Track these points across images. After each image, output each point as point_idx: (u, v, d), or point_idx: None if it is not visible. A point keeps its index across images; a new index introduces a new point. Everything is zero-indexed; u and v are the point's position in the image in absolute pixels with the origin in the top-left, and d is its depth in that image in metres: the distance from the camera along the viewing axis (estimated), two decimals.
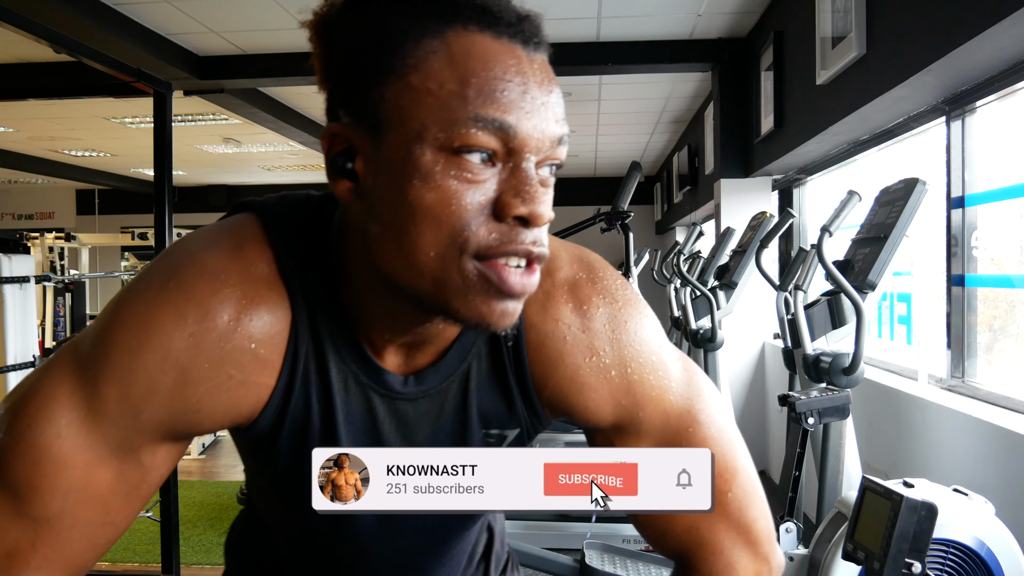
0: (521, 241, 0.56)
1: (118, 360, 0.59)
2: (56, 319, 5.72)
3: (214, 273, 0.60)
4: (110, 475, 0.61)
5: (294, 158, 8.97)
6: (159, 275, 0.61)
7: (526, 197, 0.56)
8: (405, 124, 0.56)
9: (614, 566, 2.76)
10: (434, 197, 0.55)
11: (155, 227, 2.85)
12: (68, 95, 5.17)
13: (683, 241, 4.21)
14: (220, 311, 0.59)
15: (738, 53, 4.43)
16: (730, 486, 0.74)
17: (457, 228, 0.55)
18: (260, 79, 5.00)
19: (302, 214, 0.66)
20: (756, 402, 4.45)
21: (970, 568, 1.44)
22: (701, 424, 0.72)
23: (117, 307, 0.61)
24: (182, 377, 0.59)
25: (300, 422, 0.65)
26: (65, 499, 0.59)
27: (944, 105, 2.58)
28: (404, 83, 0.56)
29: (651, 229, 9.98)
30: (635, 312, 0.71)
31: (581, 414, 0.71)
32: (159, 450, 0.63)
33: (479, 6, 0.56)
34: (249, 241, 0.63)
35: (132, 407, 0.59)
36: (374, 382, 0.66)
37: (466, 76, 0.55)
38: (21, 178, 9.99)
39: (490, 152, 0.55)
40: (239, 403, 0.62)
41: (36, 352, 2.72)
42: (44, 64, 4.89)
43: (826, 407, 1.78)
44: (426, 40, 0.55)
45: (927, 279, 2.88)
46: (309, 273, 0.63)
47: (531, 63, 0.57)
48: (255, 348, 0.61)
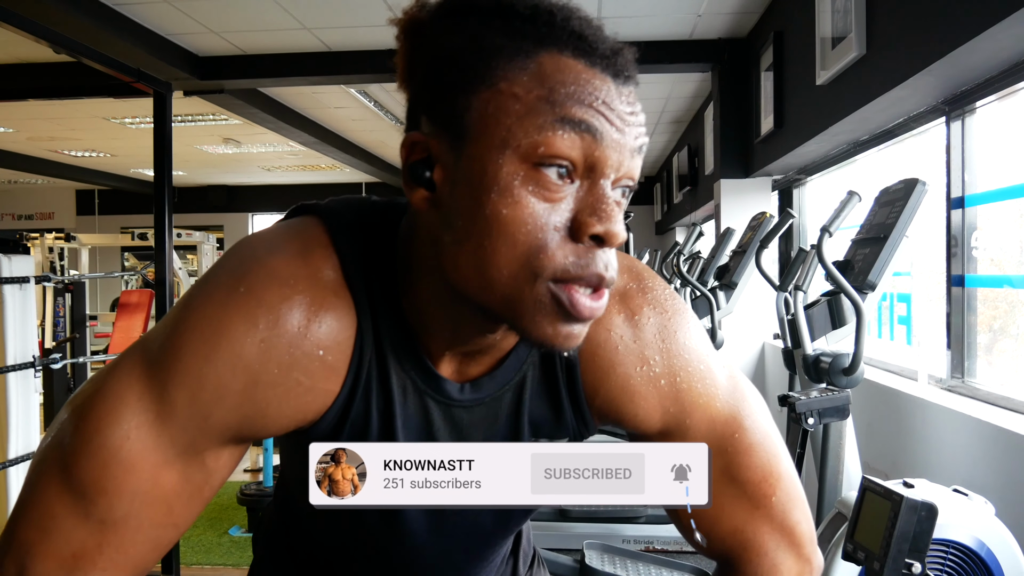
0: (596, 267, 0.56)
1: (188, 364, 0.59)
2: (56, 319, 5.72)
3: (283, 279, 0.60)
4: (175, 477, 0.61)
5: (294, 158, 8.97)
6: (228, 278, 0.61)
7: (603, 216, 0.56)
8: (490, 132, 0.56)
9: (614, 566, 2.76)
10: (511, 213, 0.55)
11: (155, 227, 2.85)
12: (68, 95, 5.18)
13: (683, 241, 4.21)
14: (290, 317, 0.60)
15: (738, 53, 4.43)
16: (775, 490, 0.75)
17: (533, 249, 0.55)
18: (260, 79, 5.00)
19: (367, 220, 0.66)
20: None
21: (970, 568, 1.44)
22: (746, 430, 0.74)
23: (186, 310, 0.61)
24: (252, 382, 0.59)
25: (360, 427, 0.65)
26: (132, 501, 0.60)
27: (944, 105, 2.58)
28: (493, 91, 0.56)
29: (651, 229, 9.99)
30: (683, 321, 0.73)
31: (631, 422, 0.72)
32: (223, 453, 0.63)
33: (576, 33, 0.57)
34: (316, 246, 0.63)
35: (201, 411, 0.60)
36: (432, 389, 0.67)
37: (555, 86, 0.55)
38: (21, 178, 9.99)
39: (569, 166, 0.55)
40: (305, 408, 0.63)
41: (36, 352, 2.72)
42: (44, 64, 4.90)
43: (826, 407, 1.78)
44: (519, 59, 0.56)
45: (927, 279, 2.88)
46: (373, 279, 0.64)
47: (619, 92, 0.58)
48: (323, 355, 0.61)
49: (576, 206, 0.56)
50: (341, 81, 5.16)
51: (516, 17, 0.57)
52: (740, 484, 0.75)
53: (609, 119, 0.56)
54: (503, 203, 0.55)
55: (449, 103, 0.57)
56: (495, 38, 0.57)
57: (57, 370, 4.16)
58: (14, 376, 2.61)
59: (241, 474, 4.66)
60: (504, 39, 0.57)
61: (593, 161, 0.56)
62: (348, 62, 4.67)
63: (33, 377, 2.70)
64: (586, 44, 0.57)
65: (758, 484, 0.75)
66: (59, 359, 2.98)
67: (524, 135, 0.55)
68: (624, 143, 0.57)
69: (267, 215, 11.48)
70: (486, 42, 0.57)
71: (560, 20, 0.57)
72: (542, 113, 0.55)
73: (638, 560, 2.83)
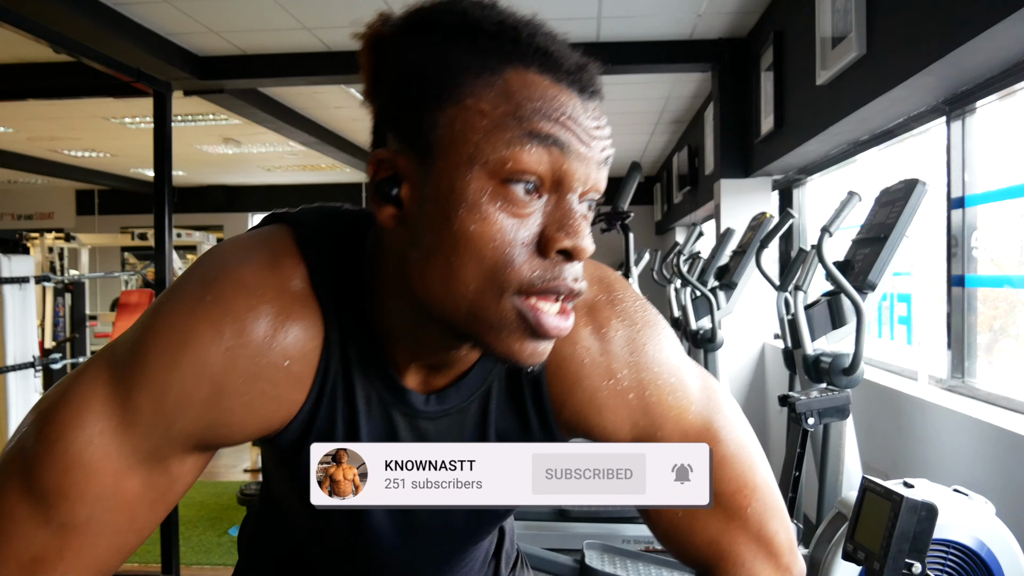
0: (564, 278, 0.57)
1: (154, 371, 0.59)
2: (56, 319, 5.72)
3: (251, 288, 0.60)
4: (138, 483, 0.61)
5: (294, 158, 8.97)
6: (196, 286, 0.61)
7: (570, 231, 0.56)
8: (457, 148, 0.56)
9: (614, 566, 2.76)
10: (478, 229, 0.55)
11: (155, 227, 2.85)
12: (68, 95, 5.17)
13: (683, 241, 4.21)
14: (256, 327, 0.60)
15: (738, 53, 4.43)
16: (750, 501, 0.75)
17: (500, 264, 0.55)
18: (260, 79, 5.00)
19: (336, 229, 0.66)
20: (756, 402, 4.45)
21: (970, 568, 1.44)
22: (720, 442, 0.73)
23: (154, 317, 0.61)
24: (216, 391, 0.60)
25: (325, 436, 0.65)
26: (93, 506, 0.60)
27: (944, 105, 2.58)
28: (459, 107, 0.56)
29: (651, 229, 9.98)
30: (653, 334, 0.72)
31: (600, 434, 0.72)
32: (187, 459, 0.63)
33: (541, 49, 0.57)
34: (284, 255, 0.63)
35: (165, 417, 0.60)
36: (397, 400, 0.67)
37: (522, 102, 0.56)
38: (21, 178, 9.99)
39: (536, 182, 0.56)
40: (270, 417, 0.63)
41: (36, 352, 2.72)
42: (44, 64, 4.89)
43: (826, 407, 1.78)
44: (485, 75, 0.56)
45: (927, 279, 2.88)
46: (340, 290, 0.64)
47: (585, 106, 0.58)
48: (288, 365, 0.61)
49: (544, 220, 0.57)
50: (341, 81, 5.16)
51: (482, 34, 0.57)
52: (715, 496, 0.73)
53: (576, 133, 0.57)
54: (471, 219, 0.55)
55: (416, 120, 0.57)
56: (461, 55, 0.57)
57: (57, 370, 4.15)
58: (14, 376, 2.61)
59: (241, 474, 4.66)
60: (470, 56, 0.57)
61: (560, 175, 0.57)
62: (348, 62, 4.63)
63: (33, 377, 2.71)
64: (551, 60, 0.57)
65: (732, 495, 0.74)
66: (59, 359, 2.98)
67: (491, 151, 0.55)
68: (590, 156, 0.58)
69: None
70: (452, 59, 0.57)
71: (525, 36, 0.57)
72: (509, 128, 0.55)
73: (638, 560, 2.83)
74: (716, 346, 3.44)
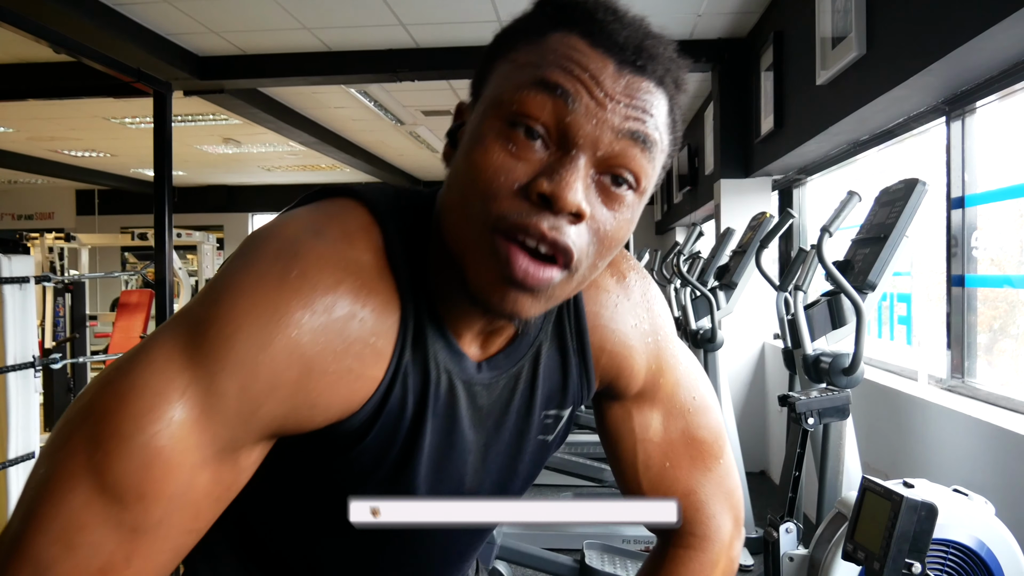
0: (538, 221, 0.56)
1: (243, 353, 0.54)
2: (56, 319, 5.72)
3: (335, 263, 0.58)
4: (208, 478, 0.56)
5: (294, 158, 8.97)
6: (275, 263, 0.57)
7: (555, 177, 0.56)
8: (489, 93, 0.60)
9: (614, 566, 2.76)
10: (477, 159, 0.57)
11: (155, 227, 2.86)
12: (68, 95, 5.18)
13: (683, 241, 4.20)
14: (344, 302, 0.57)
15: (738, 53, 4.43)
16: (723, 451, 0.82)
17: (487, 195, 0.57)
18: (260, 79, 5.00)
19: (403, 204, 0.66)
20: (756, 402, 4.45)
21: (970, 568, 1.44)
22: (702, 392, 0.82)
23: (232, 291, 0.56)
24: (306, 370, 0.56)
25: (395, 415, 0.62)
26: (168, 506, 0.54)
27: (944, 105, 2.58)
28: (506, 60, 0.61)
29: (651, 229, 9.98)
30: (656, 291, 0.80)
31: (625, 379, 0.77)
32: (255, 450, 0.59)
33: (591, 19, 0.59)
34: (358, 229, 0.62)
35: (251, 403, 0.55)
36: (459, 369, 0.66)
37: (547, 54, 0.58)
38: (21, 178, 9.99)
39: (540, 130, 0.57)
40: (352, 397, 0.60)
41: (36, 352, 2.72)
42: (44, 64, 4.89)
43: (826, 407, 1.77)
44: (533, 35, 0.60)
45: (927, 279, 2.88)
46: (412, 263, 0.63)
47: (618, 75, 0.58)
48: (374, 341, 0.60)
49: (540, 168, 0.57)
50: (341, 81, 5.15)
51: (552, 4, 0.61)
52: (697, 444, 0.80)
53: (590, 89, 0.57)
54: (476, 151, 0.58)
55: (480, 73, 0.63)
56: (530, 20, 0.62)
57: (57, 370, 4.16)
58: (14, 376, 2.61)
59: None
60: (536, 21, 0.61)
61: (564, 128, 0.57)
62: (348, 62, 4.67)
63: (33, 377, 2.70)
64: (599, 29, 0.58)
65: (711, 444, 0.81)
66: (59, 359, 2.98)
67: (505, 92, 0.58)
68: (605, 118, 0.57)
69: (267, 215, 11.46)
70: (519, 25, 0.62)
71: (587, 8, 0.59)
72: (525, 73, 0.58)
73: (638, 560, 2.83)
74: (716, 346, 3.44)
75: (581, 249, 0.58)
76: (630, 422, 0.79)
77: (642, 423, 0.79)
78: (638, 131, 0.58)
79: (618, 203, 0.59)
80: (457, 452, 0.68)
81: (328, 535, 0.74)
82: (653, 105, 0.59)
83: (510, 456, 0.72)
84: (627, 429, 0.79)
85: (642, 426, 0.79)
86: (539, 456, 0.75)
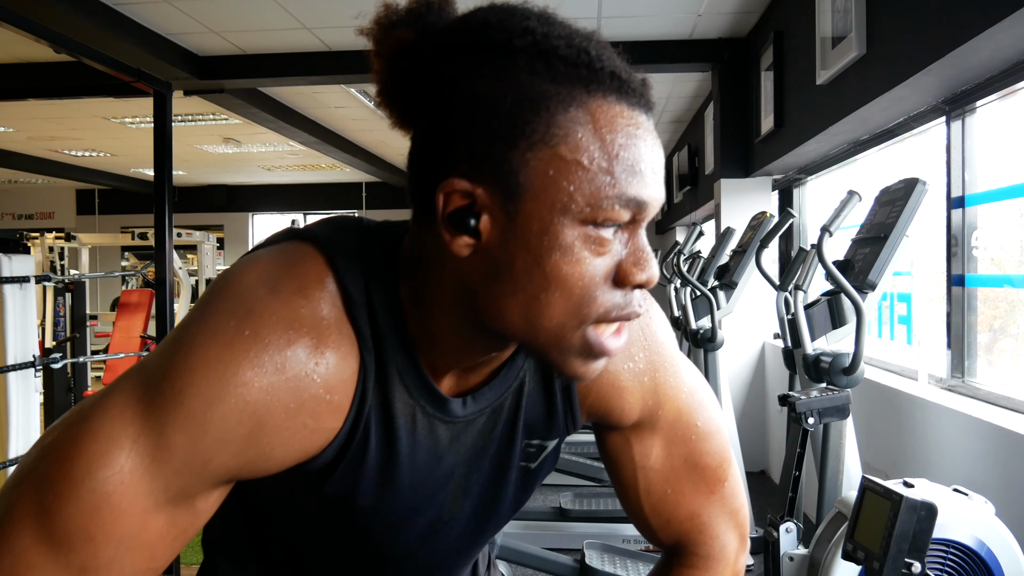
0: (633, 307, 0.59)
1: (192, 409, 0.56)
2: (56, 319, 5.72)
3: (288, 321, 0.58)
4: (162, 522, 0.58)
5: (294, 158, 8.97)
6: (229, 318, 0.58)
7: (645, 266, 0.58)
8: (550, 194, 0.55)
9: (614, 566, 2.76)
10: (571, 271, 0.56)
11: (155, 227, 2.85)
12: (68, 95, 5.18)
13: (683, 241, 4.20)
14: (296, 361, 0.58)
15: (738, 53, 4.43)
16: (727, 476, 0.81)
17: (586, 299, 0.57)
18: (260, 79, 5.00)
19: (365, 246, 0.65)
20: (756, 402, 4.45)
21: (970, 568, 1.44)
22: (706, 418, 0.79)
23: (189, 349, 0.57)
24: (258, 427, 0.57)
25: (357, 458, 0.64)
26: (117, 548, 0.56)
27: (944, 105, 2.58)
28: (552, 153, 0.55)
29: (651, 229, 9.97)
30: (658, 317, 0.77)
31: (616, 417, 0.75)
32: (213, 494, 0.61)
33: (615, 74, 0.57)
34: (315, 281, 0.61)
35: (200, 456, 0.57)
36: (440, 411, 0.66)
37: (613, 152, 0.56)
38: (21, 178, 10.00)
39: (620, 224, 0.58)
40: (308, 448, 0.61)
41: (36, 352, 2.72)
42: (44, 64, 4.89)
43: (826, 407, 1.77)
44: (572, 110, 0.55)
45: (927, 279, 2.88)
46: (377, 311, 0.63)
47: (651, 131, 0.59)
48: (329, 397, 0.60)
49: (620, 254, 0.58)
50: (341, 81, 5.16)
51: (559, 60, 0.56)
52: (700, 469, 0.79)
53: (650, 180, 0.58)
54: (564, 262, 0.56)
55: (500, 156, 0.55)
56: (542, 84, 0.55)
57: (57, 370, 4.15)
58: (14, 376, 2.61)
59: None
60: (552, 85, 0.55)
61: (639, 215, 0.58)
62: (348, 62, 4.67)
63: (33, 377, 2.71)
64: (625, 84, 0.57)
65: (715, 469, 0.80)
66: (59, 359, 2.98)
67: (587, 204, 0.55)
68: (659, 194, 0.59)
69: (267, 215, 11.46)
70: (536, 91, 0.55)
71: (596, 57, 0.56)
72: (605, 187, 0.55)
73: (638, 560, 2.83)
74: (716, 346, 3.44)
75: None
76: (629, 450, 0.78)
77: (642, 451, 0.78)
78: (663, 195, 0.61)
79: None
80: (436, 481, 0.69)
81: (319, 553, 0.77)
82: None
83: (492, 483, 0.73)
84: (627, 457, 0.79)
85: (642, 454, 0.78)
86: (524, 483, 0.76)
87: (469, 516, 0.74)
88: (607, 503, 3.43)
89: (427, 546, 0.75)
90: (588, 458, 3.35)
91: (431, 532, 0.73)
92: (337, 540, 0.74)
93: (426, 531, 0.73)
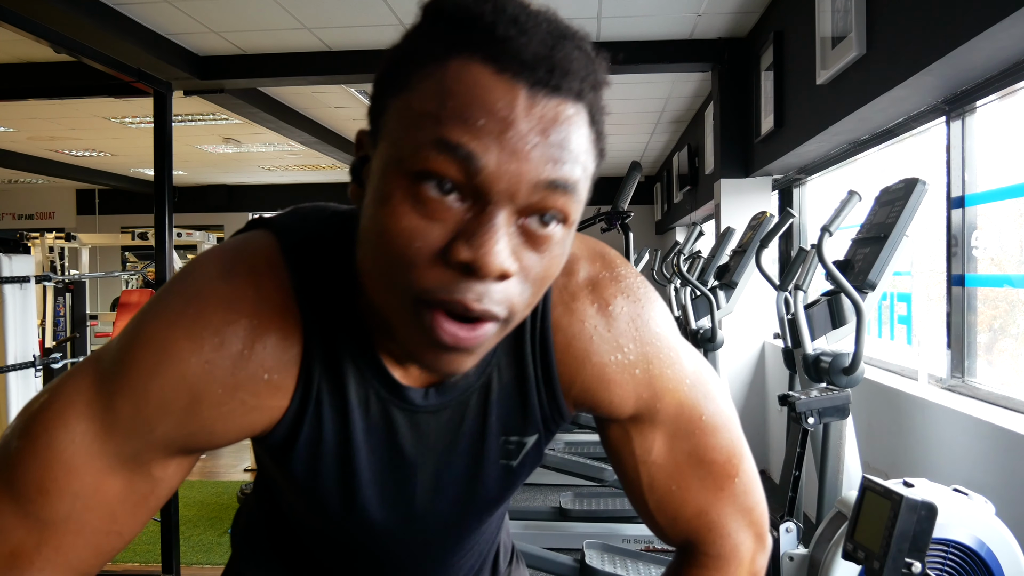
0: (464, 296, 0.52)
1: (134, 378, 0.61)
2: (56, 319, 5.72)
3: (230, 302, 0.61)
4: (119, 485, 0.63)
5: (294, 158, 8.97)
6: (178, 299, 0.62)
7: (475, 243, 0.51)
8: (387, 139, 0.55)
9: (614, 566, 2.76)
10: (388, 225, 0.53)
11: (155, 227, 2.85)
12: (68, 95, 5.17)
13: (683, 241, 4.21)
14: (234, 340, 0.61)
15: (738, 53, 4.43)
16: (737, 471, 0.78)
17: (403, 263, 0.53)
18: (260, 79, 5.00)
19: (323, 231, 0.66)
20: (756, 402, 4.45)
21: (970, 568, 1.44)
22: (713, 412, 0.76)
23: (138, 327, 0.62)
24: (195, 400, 0.61)
25: (314, 442, 0.66)
26: (73, 503, 0.61)
27: (944, 105, 2.58)
28: (402, 101, 0.54)
29: (651, 229, 9.99)
30: (654, 308, 0.73)
31: (606, 408, 0.73)
32: (170, 464, 0.65)
33: (493, 38, 0.52)
34: (265, 267, 0.63)
35: (145, 423, 0.61)
36: (395, 397, 0.67)
37: (445, 100, 0.51)
38: (21, 178, 10.00)
39: (451, 184, 0.52)
40: (252, 424, 0.64)
41: (36, 352, 2.72)
42: (44, 64, 4.90)
43: (826, 407, 1.78)
44: (430, 65, 0.53)
45: (927, 279, 2.88)
46: (328, 295, 0.64)
47: (531, 104, 0.52)
48: (267, 376, 0.62)
49: (456, 227, 0.52)
50: (341, 81, 5.16)
51: (444, 19, 0.54)
52: (707, 465, 0.76)
53: (498, 139, 0.51)
54: (383, 213, 0.53)
55: (377, 102, 0.57)
56: (422, 42, 0.55)
57: (57, 370, 4.16)
58: (14, 375, 2.61)
59: (241, 474, 4.66)
60: (425, 42, 0.54)
61: (475, 185, 0.52)
62: (348, 62, 4.67)
63: (33, 377, 2.71)
64: (502, 48, 0.52)
65: (723, 464, 0.77)
66: (59, 359, 2.99)
67: (404, 150, 0.52)
68: (519, 170, 0.51)
69: (267, 215, 11.42)
70: (414, 45, 0.55)
71: (485, 23, 0.52)
72: (424, 129, 0.52)
73: (638, 560, 2.83)
74: (716, 346, 3.44)
75: (513, 302, 0.55)
76: (630, 444, 0.76)
77: (643, 446, 0.75)
78: (557, 180, 0.53)
79: (546, 243, 0.55)
80: (402, 473, 0.70)
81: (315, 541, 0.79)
82: (572, 132, 0.54)
83: (467, 480, 0.72)
84: (628, 451, 0.76)
85: (643, 449, 0.75)
86: (505, 481, 0.74)
87: (447, 512, 0.74)
88: (607, 503, 3.44)
89: (411, 539, 0.75)
90: (588, 458, 3.36)
91: (408, 525, 0.74)
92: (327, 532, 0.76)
93: (403, 524, 0.73)
